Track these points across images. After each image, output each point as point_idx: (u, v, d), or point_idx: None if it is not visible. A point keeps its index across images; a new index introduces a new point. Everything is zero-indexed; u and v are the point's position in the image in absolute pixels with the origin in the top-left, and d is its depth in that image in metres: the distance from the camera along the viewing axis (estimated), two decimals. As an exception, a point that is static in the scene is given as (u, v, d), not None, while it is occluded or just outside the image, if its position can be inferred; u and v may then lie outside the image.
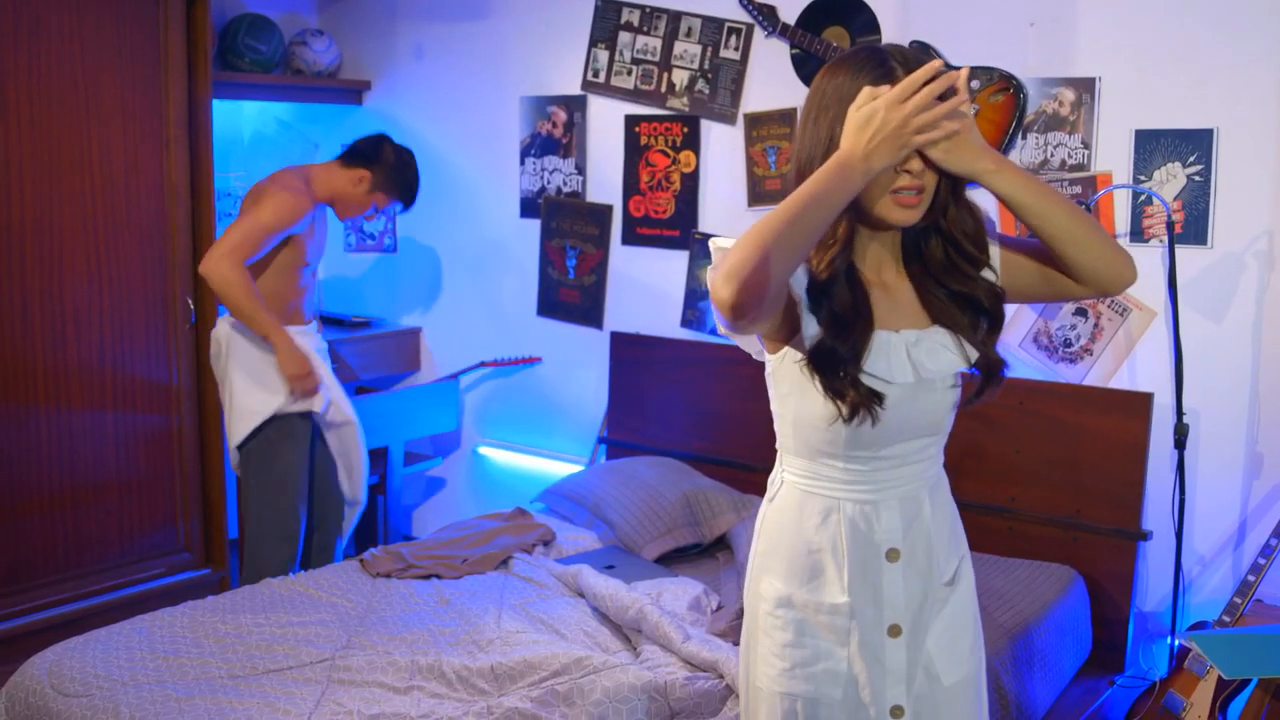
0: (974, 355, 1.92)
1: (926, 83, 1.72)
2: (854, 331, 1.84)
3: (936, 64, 1.73)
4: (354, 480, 4.27)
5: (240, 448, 4.06)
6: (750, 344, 1.97)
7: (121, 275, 4.30)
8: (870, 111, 1.72)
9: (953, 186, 1.84)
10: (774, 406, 2.00)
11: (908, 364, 1.87)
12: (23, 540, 4.13)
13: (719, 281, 1.69)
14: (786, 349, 1.90)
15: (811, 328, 1.85)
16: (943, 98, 1.73)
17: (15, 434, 4.07)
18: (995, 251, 1.93)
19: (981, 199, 1.97)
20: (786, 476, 2.00)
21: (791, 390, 1.92)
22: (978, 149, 1.77)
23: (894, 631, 1.94)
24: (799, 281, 1.85)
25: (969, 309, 1.92)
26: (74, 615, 4.16)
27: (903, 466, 1.94)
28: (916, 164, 1.78)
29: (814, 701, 1.96)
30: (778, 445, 2.02)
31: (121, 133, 4.25)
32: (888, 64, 1.78)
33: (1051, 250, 1.86)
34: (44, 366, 4.12)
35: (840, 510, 1.93)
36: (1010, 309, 2.15)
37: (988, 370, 1.94)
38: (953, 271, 1.91)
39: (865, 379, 1.84)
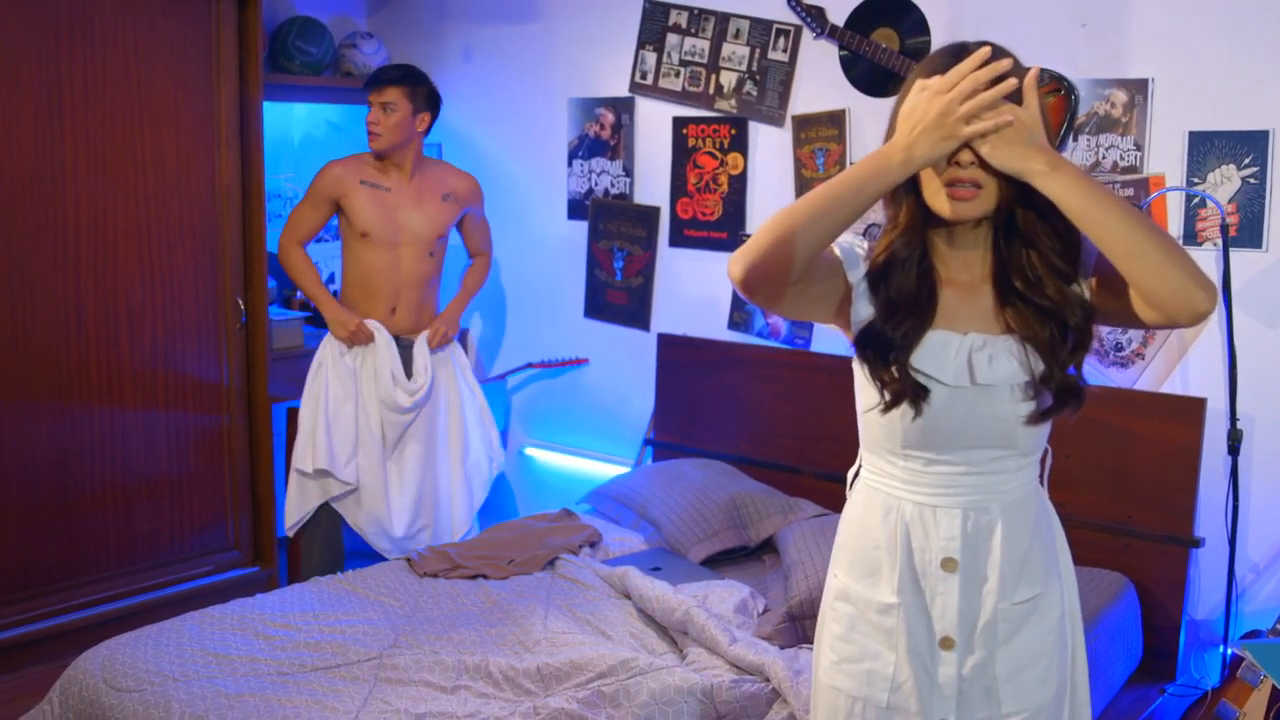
0: (1039, 369, 1.81)
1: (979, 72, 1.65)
2: (905, 320, 1.82)
3: (985, 51, 1.67)
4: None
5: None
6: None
7: (173, 276, 4.34)
8: (914, 102, 1.69)
9: (1023, 188, 1.73)
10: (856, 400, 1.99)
11: (965, 367, 1.81)
12: (76, 537, 4.18)
13: (732, 259, 1.75)
14: None
15: (861, 313, 1.86)
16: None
17: (70, 432, 4.12)
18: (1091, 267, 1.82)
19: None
20: (862, 471, 1.99)
21: (861, 381, 1.91)
22: (1030, 147, 1.67)
23: (946, 644, 1.90)
24: (855, 269, 1.87)
25: (1052, 323, 1.80)
26: (126, 611, 4.21)
27: (969, 475, 1.87)
28: (966, 156, 1.72)
29: (857, 700, 1.93)
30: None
31: (174, 135, 4.30)
32: (960, 56, 1.70)
33: (1115, 266, 1.69)
34: (97, 366, 4.17)
35: (899, 510, 1.90)
36: None
37: (1058, 390, 1.81)
38: (1038, 282, 1.80)
39: (911, 373, 1.81)
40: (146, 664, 2.91)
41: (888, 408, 1.84)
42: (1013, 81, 1.65)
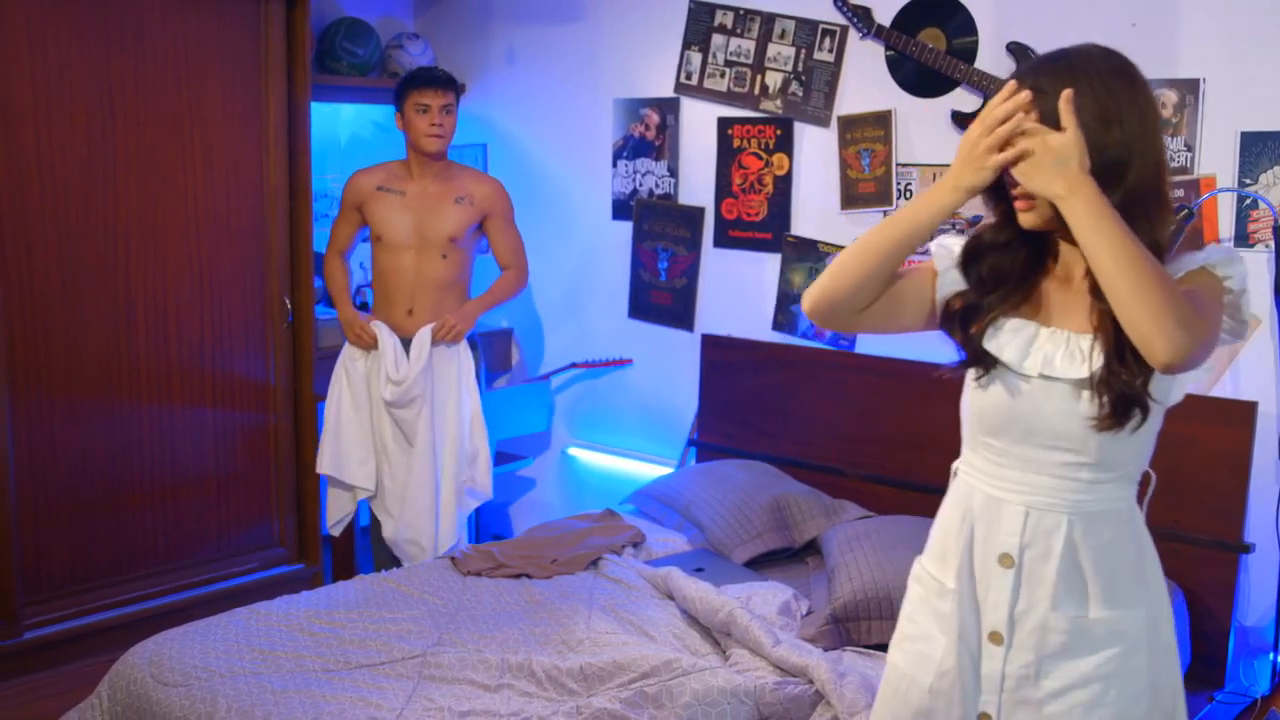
0: (1098, 369, 1.80)
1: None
2: (994, 290, 1.91)
3: (1010, 86, 1.77)
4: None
5: None
6: None
7: (221, 275, 4.39)
8: (966, 133, 1.80)
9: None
10: None
11: (1038, 355, 1.85)
12: (125, 533, 4.23)
13: (805, 294, 1.92)
14: None
15: (944, 289, 1.98)
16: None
17: (118, 430, 4.17)
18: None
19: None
20: (960, 463, 2.05)
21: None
22: (1051, 172, 1.72)
23: (994, 639, 1.91)
24: (943, 261, 1.99)
25: (1119, 331, 1.77)
26: (173, 607, 4.26)
27: (1035, 474, 1.87)
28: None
29: (904, 677, 2.00)
30: None
31: (223, 135, 4.34)
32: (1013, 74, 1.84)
33: None
34: (146, 364, 4.22)
35: (973, 498, 1.95)
36: None
37: (1117, 396, 1.79)
38: (1100, 289, 1.77)
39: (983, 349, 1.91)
40: (193, 659, 2.94)
41: (964, 366, 1.94)
42: (1020, 117, 1.73)
